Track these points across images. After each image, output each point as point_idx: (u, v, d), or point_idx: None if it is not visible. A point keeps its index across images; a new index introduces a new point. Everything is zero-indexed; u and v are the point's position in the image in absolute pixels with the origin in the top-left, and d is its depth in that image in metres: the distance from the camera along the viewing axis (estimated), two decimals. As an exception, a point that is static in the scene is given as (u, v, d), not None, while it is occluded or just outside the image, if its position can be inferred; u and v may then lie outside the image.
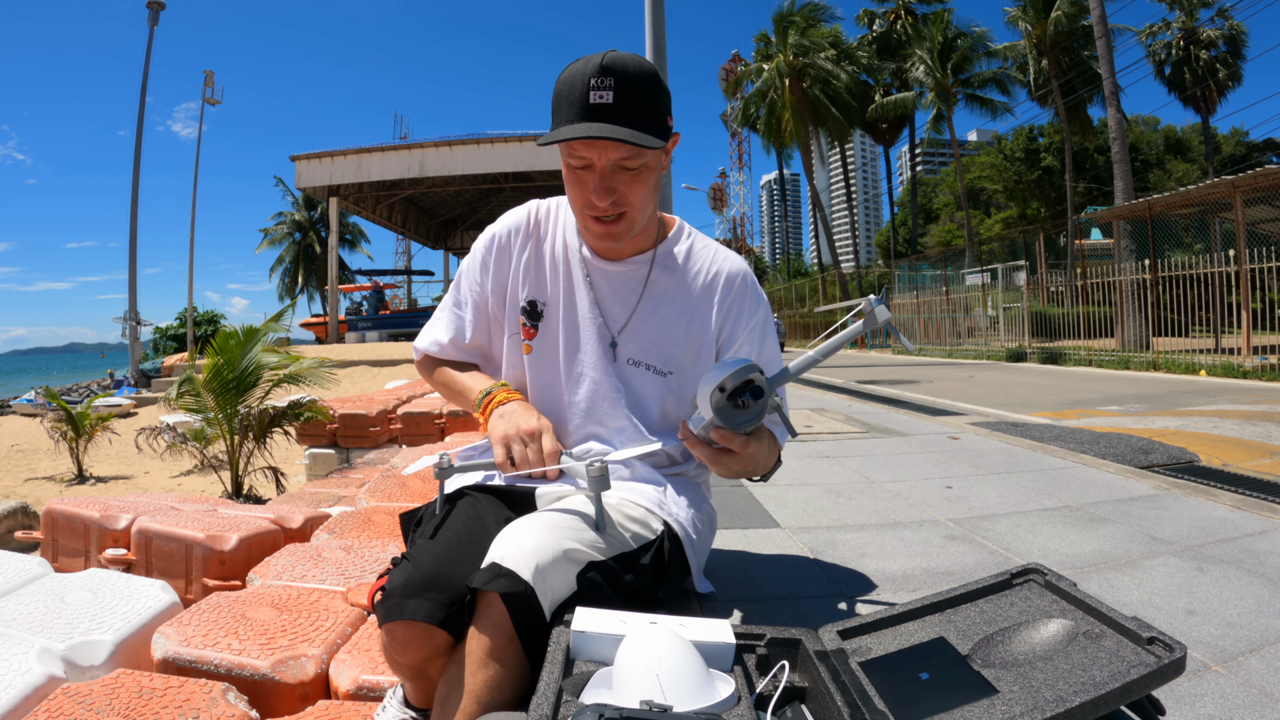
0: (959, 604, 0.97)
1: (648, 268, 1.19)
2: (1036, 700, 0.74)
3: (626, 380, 1.18)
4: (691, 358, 1.19)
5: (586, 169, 1.04)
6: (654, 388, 1.18)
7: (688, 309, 1.19)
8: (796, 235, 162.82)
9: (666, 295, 1.19)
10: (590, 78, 0.99)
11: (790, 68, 27.58)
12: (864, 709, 0.76)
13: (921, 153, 47.89)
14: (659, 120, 1.04)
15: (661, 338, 1.18)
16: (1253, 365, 8.21)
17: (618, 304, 1.19)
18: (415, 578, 0.88)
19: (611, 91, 0.99)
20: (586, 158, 1.03)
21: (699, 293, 1.20)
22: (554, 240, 1.21)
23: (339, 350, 17.88)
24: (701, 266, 1.21)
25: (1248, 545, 1.75)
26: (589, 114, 0.99)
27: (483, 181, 23.34)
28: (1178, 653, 0.76)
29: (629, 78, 1.00)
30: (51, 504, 2.21)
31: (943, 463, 2.95)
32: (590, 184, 1.04)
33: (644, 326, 1.18)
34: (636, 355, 1.18)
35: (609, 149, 1.01)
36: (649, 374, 1.18)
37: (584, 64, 1.01)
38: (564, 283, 1.19)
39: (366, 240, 44.86)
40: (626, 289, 1.19)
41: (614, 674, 0.74)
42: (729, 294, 1.20)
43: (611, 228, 1.08)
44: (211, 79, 24.21)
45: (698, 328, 1.19)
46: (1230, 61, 28.47)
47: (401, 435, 4.45)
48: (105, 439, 7.64)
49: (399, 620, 0.86)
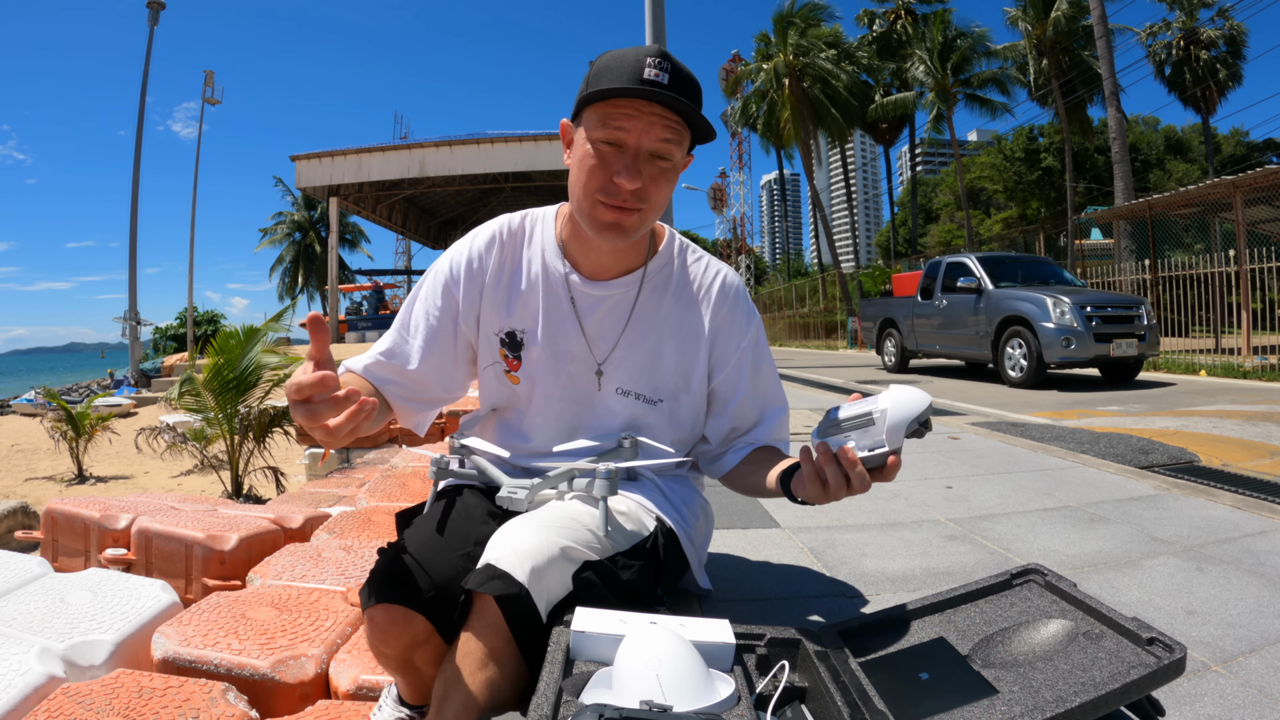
0: (959, 604, 0.98)
1: (636, 289, 1.11)
2: (1036, 700, 0.74)
3: (613, 410, 1.13)
4: (682, 384, 1.14)
5: (617, 147, 0.96)
6: (643, 417, 1.13)
7: (678, 331, 1.13)
8: (796, 235, 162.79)
9: (656, 318, 1.12)
10: (647, 57, 0.94)
11: (790, 68, 27.57)
12: (864, 709, 0.76)
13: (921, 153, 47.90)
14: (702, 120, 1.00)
15: (651, 364, 1.12)
16: (1253, 365, 8.21)
17: (604, 330, 1.11)
18: (396, 564, 0.89)
19: (667, 74, 0.94)
20: (624, 130, 0.94)
21: (689, 312, 1.13)
22: (531, 262, 1.12)
23: (339, 350, 17.87)
24: (691, 283, 1.15)
25: (1248, 545, 1.75)
26: (644, 84, 0.93)
27: (483, 181, 23.33)
28: (1178, 653, 0.76)
29: (682, 69, 0.97)
30: (51, 504, 2.21)
31: (943, 463, 2.95)
32: (616, 164, 0.96)
33: (632, 353, 1.12)
34: (625, 384, 1.12)
35: (654, 126, 0.94)
36: (638, 403, 1.12)
37: (635, 49, 0.97)
38: (545, 310, 1.11)
39: (366, 240, 44.91)
40: (615, 313, 1.11)
41: (614, 674, 0.74)
42: (720, 311, 1.14)
43: (624, 217, 0.98)
44: (211, 79, 24.21)
45: (688, 351, 1.13)
46: (1230, 61, 28.47)
47: (401, 435, 4.45)
48: (105, 439, 7.64)
49: (379, 605, 0.87)
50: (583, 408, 1.14)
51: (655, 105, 0.94)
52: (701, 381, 1.15)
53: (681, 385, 1.14)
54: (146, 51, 21.07)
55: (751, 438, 1.19)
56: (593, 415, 1.14)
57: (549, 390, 1.13)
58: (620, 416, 1.14)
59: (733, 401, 1.17)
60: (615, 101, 0.94)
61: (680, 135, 0.98)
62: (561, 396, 1.13)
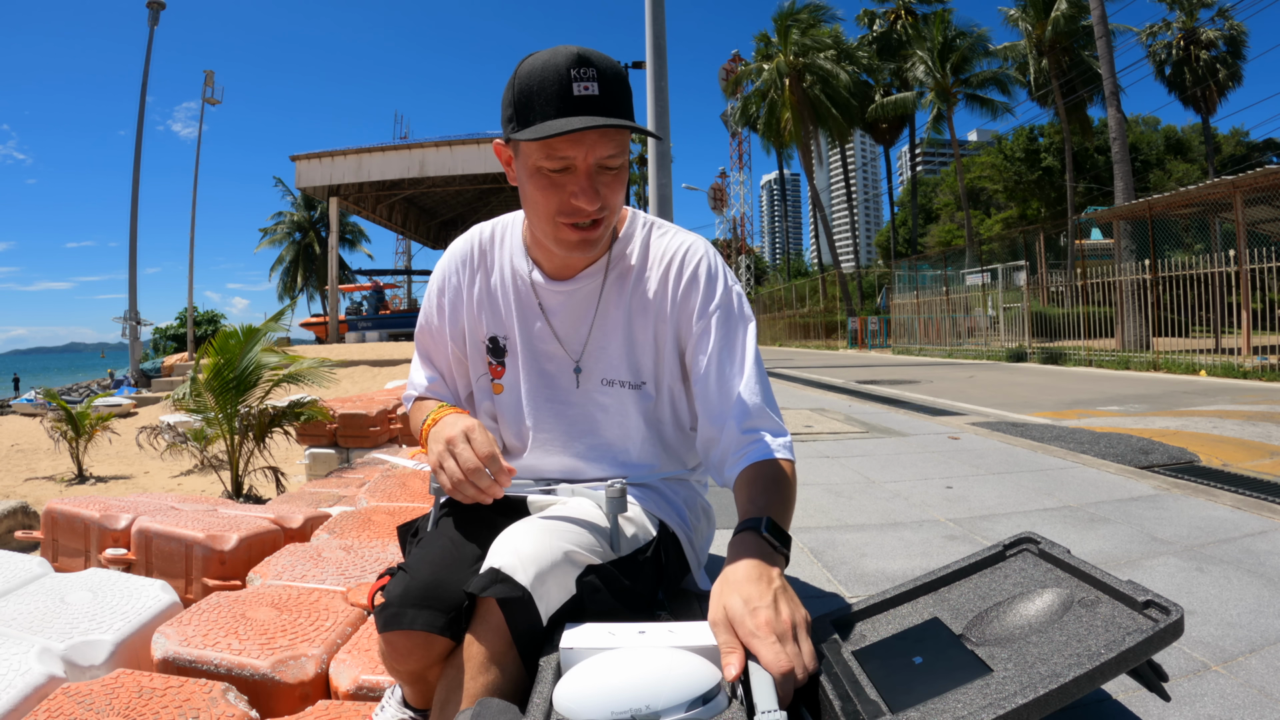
0: (953, 581, 0.96)
1: (601, 278, 1.09)
2: (1030, 677, 0.72)
3: (602, 404, 1.11)
4: (658, 359, 1.11)
5: (566, 171, 0.94)
6: (632, 403, 1.11)
7: (645, 310, 1.09)
8: (796, 235, 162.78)
9: (623, 304, 1.09)
10: (569, 68, 0.90)
11: (790, 67, 27.58)
12: (855, 699, 0.76)
13: (921, 153, 47.91)
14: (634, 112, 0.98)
15: (627, 350, 1.10)
16: (1253, 365, 8.21)
17: (574, 326, 1.10)
18: (413, 587, 0.87)
19: (596, 83, 0.90)
20: (569, 157, 0.93)
21: (655, 285, 1.09)
22: (502, 268, 1.13)
23: (339, 350, 17.89)
24: (655, 260, 1.10)
25: (1248, 545, 1.75)
26: (576, 107, 0.90)
27: (483, 181, 23.33)
28: (1174, 615, 0.74)
29: (608, 68, 0.93)
30: (51, 504, 2.21)
31: (943, 463, 2.95)
32: (570, 187, 0.95)
33: (607, 344, 1.10)
34: (608, 374, 1.10)
35: (597, 146, 0.92)
36: (625, 390, 1.11)
37: (551, 55, 0.92)
38: (518, 313, 1.11)
39: (366, 240, 44.95)
40: (582, 308, 1.10)
41: (605, 687, 0.74)
42: (682, 277, 1.08)
43: (588, 234, 0.98)
44: (212, 79, 24.19)
45: (656, 328, 1.10)
46: (1230, 61, 28.48)
47: (401, 435, 4.45)
48: (105, 439, 7.64)
49: (398, 630, 0.86)
50: (570, 408, 1.12)
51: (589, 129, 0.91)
52: (674, 354, 1.11)
53: (657, 359, 1.11)
54: (146, 51, 21.08)
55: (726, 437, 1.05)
56: (583, 416, 1.12)
57: (534, 394, 1.12)
58: (613, 413, 1.11)
59: (700, 377, 1.07)
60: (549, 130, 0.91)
61: (624, 140, 0.97)
62: (549, 398, 1.12)
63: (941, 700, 0.74)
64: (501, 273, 1.13)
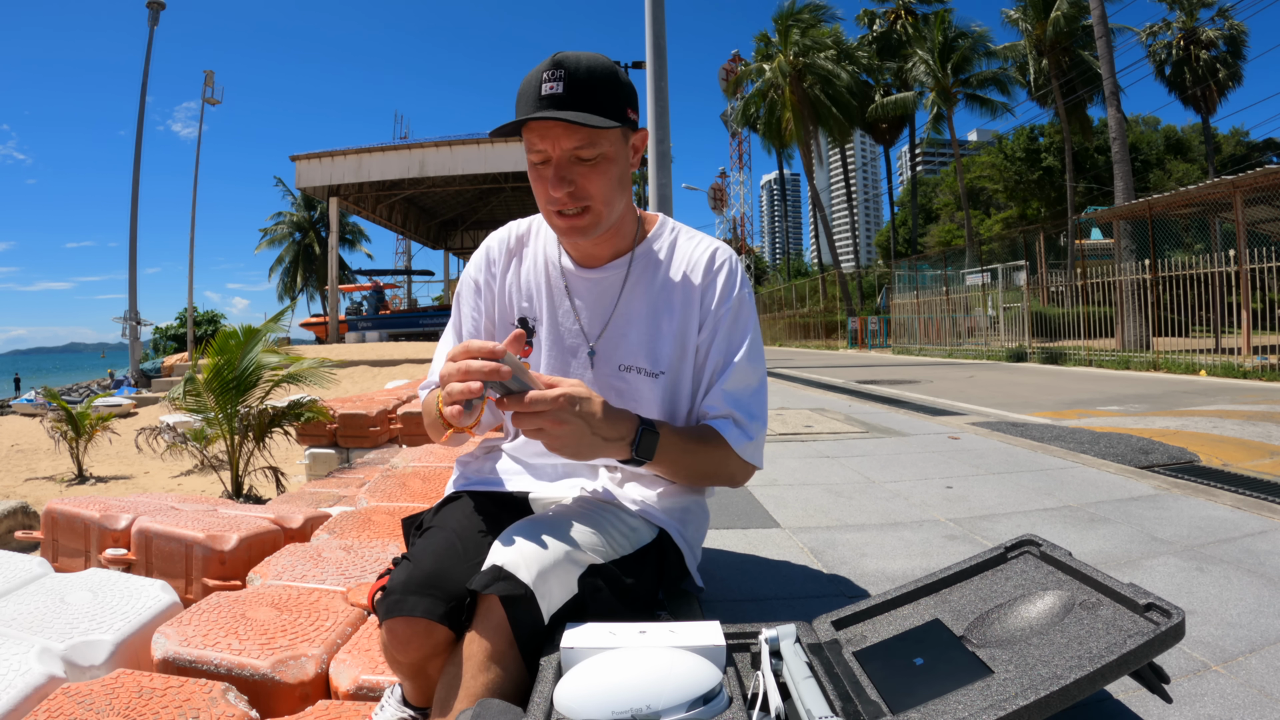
0: (954, 583, 0.96)
1: (625, 270, 1.17)
2: (1031, 679, 0.73)
3: (618, 388, 1.15)
4: (681, 352, 1.16)
5: (545, 163, 1.03)
6: (648, 390, 1.15)
7: (671, 305, 1.16)
8: (796, 235, 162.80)
9: (649, 294, 1.16)
10: (543, 72, 1.00)
11: (791, 67, 27.57)
12: (855, 699, 0.76)
13: (921, 153, 47.89)
14: (615, 109, 1.02)
15: (649, 337, 1.15)
16: (1253, 365, 8.21)
17: (597, 311, 1.17)
18: (416, 575, 0.89)
19: (561, 82, 0.98)
20: (543, 150, 1.02)
21: (680, 285, 1.17)
22: (535, 255, 1.21)
23: (339, 350, 17.89)
24: (682, 259, 1.18)
25: (1248, 545, 1.75)
26: (541, 104, 0.99)
27: (483, 181, 23.33)
28: (1175, 618, 0.74)
29: (580, 67, 0.99)
30: (51, 504, 2.21)
31: (943, 463, 2.95)
32: (548, 175, 1.03)
33: (627, 331, 1.15)
34: (626, 360, 1.15)
35: (561, 138, 1.00)
36: (641, 377, 1.15)
37: (540, 66, 1.02)
38: (546, 296, 1.19)
39: (367, 240, 44.99)
40: (606, 295, 1.17)
41: (606, 686, 0.74)
42: (707, 276, 1.17)
43: (575, 221, 1.05)
44: (212, 79, 24.20)
45: (682, 322, 1.16)
46: (1230, 61, 28.48)
47: (401, 435, 4.45)
48: (105, 439, 7.64)
49: (400, 617, 0.86)
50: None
51: (553, 122, 0.99)
52: (693, 348, 1.17)
53: (680, 353, 1.16)
54: (146, 51, 21.09)
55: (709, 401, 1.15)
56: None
57: (553, 373, 1.16)
58: (626, 398, 1.14)
59: (706, 368, 1.16)
60: (527, 125, 1.01)
61: (592, 133, 1.01)
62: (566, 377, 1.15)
63: (942, 701, 0.74)
64: (535, 259, 1.22)
